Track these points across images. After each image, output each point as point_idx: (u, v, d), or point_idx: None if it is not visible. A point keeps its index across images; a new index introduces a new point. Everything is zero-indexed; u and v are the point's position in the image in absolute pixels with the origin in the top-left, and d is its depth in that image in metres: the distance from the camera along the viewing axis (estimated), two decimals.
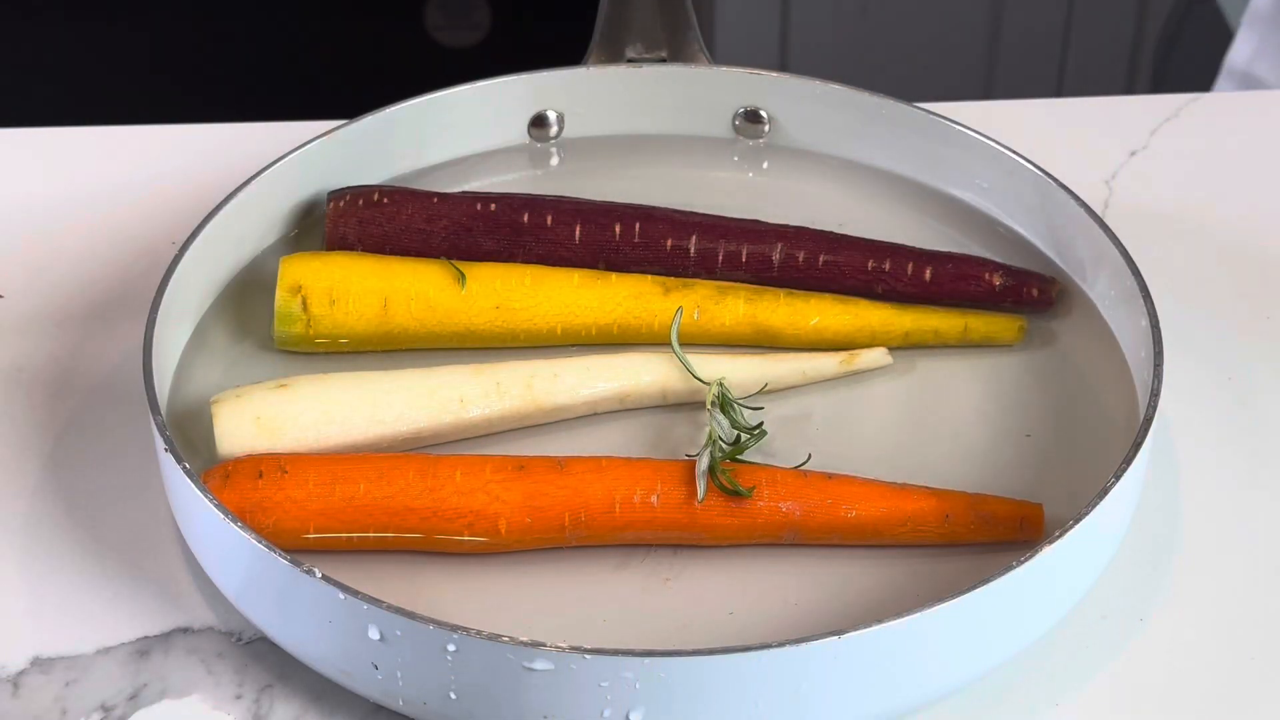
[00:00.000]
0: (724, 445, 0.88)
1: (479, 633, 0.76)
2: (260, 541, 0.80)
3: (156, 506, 0.89)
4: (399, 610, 0.77)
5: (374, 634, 0.78)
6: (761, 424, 0.90)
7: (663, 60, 1.09)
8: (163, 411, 0.87)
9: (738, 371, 0.93)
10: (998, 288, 0.98)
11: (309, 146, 1.01)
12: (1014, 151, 1.02)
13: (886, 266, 0.98)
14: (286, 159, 1.00)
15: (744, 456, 0.88)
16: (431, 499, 0.85)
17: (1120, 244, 0.95)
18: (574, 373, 0.92)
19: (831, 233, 0.99)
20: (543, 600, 0.85)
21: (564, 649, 0.76)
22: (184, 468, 0.83)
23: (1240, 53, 1.38)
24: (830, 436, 0.92)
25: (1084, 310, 0.99)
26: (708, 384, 0.91)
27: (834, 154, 1.08)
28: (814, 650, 0.76)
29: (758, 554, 0.87)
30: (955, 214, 1.05)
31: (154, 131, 1.14)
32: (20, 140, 1.14)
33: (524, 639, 0.76)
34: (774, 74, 1.08)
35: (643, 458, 0.88)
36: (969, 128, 1.03)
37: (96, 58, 2.06)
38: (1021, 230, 1.03)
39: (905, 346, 0.97)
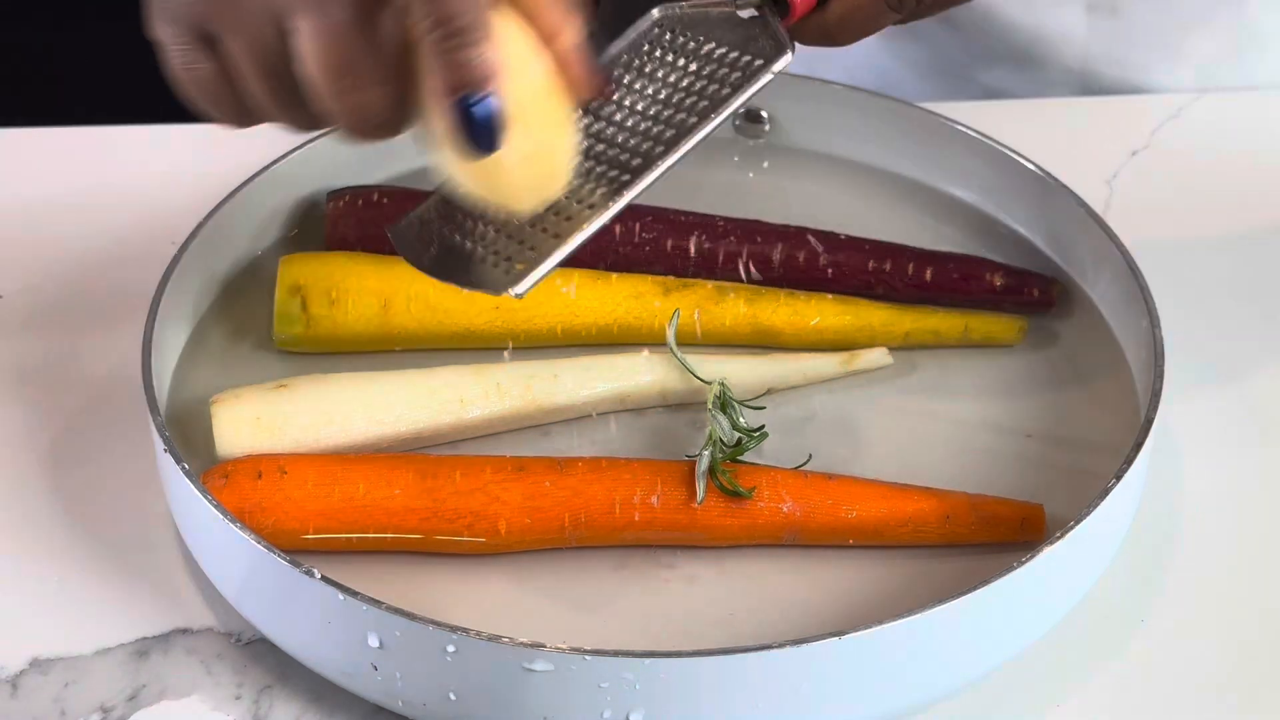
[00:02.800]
0: (724, 446, 0.87)
1: (479, 633, 0.76)
2: (260, 542, 0.80)
3: (156, 506, 0.89)
4: (398, 611, 0.77)
5: (373, 635, 0.78)
6: (763, 425, 0.90)
7: None
8: (162, 411, 0.87)
9: (738, 372, 0.93)
10: (998, 288, 0.98)
11: (309, 146, 1.01)
12: (1014, 151, 1.01)
13: (886, 266, 0.98)
14: (286, 159, 1.00)
15: (744, 457, 0.88)
16: (431, 499, 0.85)
17: (1121, 244, 0.95)
18: (574, 373, 0.92)
19: (831, 233, 0.99)
20: (543, 600, 0.85)
21: (564, 649, 0.76)
22: (183, 468, 0.83)
23: None
24: (831, 437, 0.92)
25: (1085, 311, 0.98)
26: (708, 384, 0.91)
27: (834, 154, 1.07)
28: (814, 650, 0.76)
29: (758, 554, 0.87)
30: (955, 214, 1.04)
31: (154, 131, 1.14)
32: (20, 140, 1.14)
33: (524, 639, 0.76)
34: None
35: (643, 458, 0.88)
36: (969, 128, 1.03)
37: (97, 58, 2.06)
38: (1022, 230, 1.03)
39: (905, 346, 0.97)
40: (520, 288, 0.79)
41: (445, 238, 0.83)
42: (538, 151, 0.78)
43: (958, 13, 1.18)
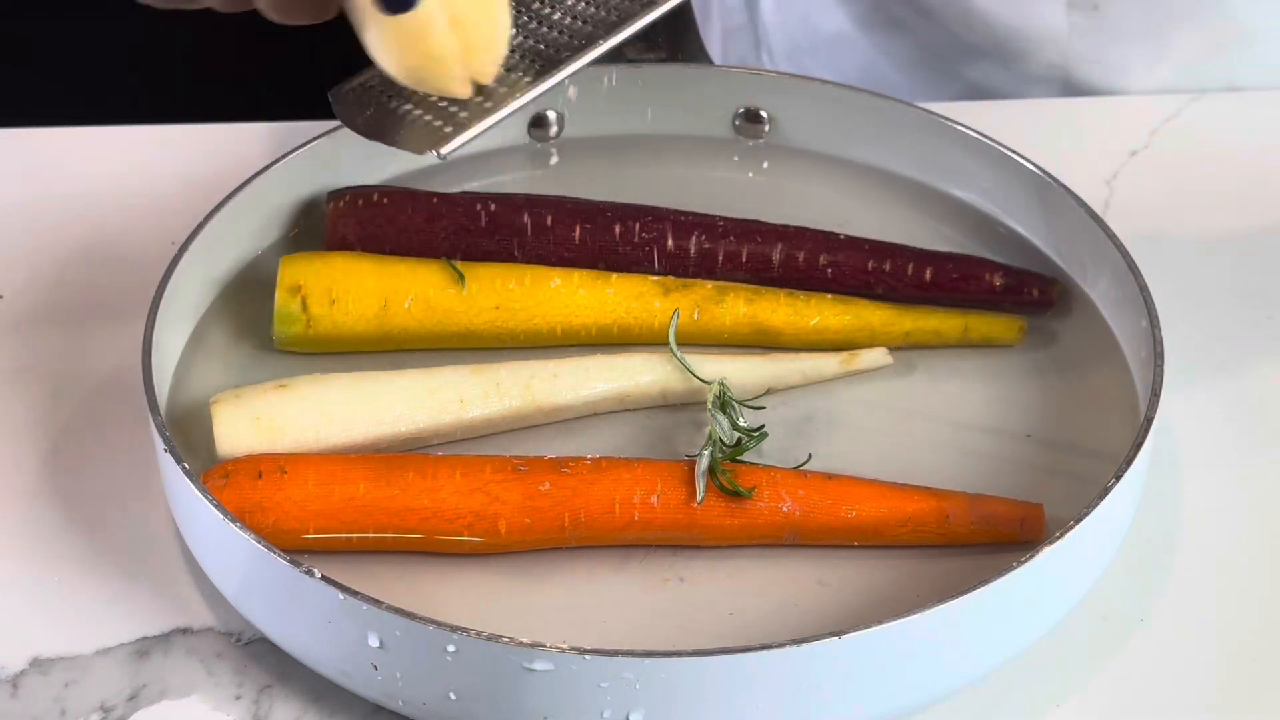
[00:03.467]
0: (724, 446, 0.87)
1: (479, 633, 0.76)
2: (260, 542, 0.80)
3: (156, 506, 0.89)
4: (398, 611, 0.77)
5: (373, 635, 0.78)
6: (763, 425, 0.90)
7: (662, 60, 1.09)
8: (162, 412, 0.87)
9: (738, 372, 0.93)
10: (998, 288, 0.98)
11: (309, 146, 1.01)
12: (1014, 151, 1.01)
13: (886, 266, 0.98)
14: (286, 159, 1.00)
15: (744, 457, 0.88)
16: (431, 499, 0.85)
17: (1120, 244, 0.95)
18: (573, 373, 0.92)
19: (831, 233, 0.99)
20: (543, 600, 0.85)
21: (564, 649, 0.76)
22: (184, 468, 0.83)
23: None
24: (830, 437, 0.92)
25: (1084, 311, 0.98)
26: (708, 384, 0.91)
27: (834, 154, 1.07)
28: (814, 650, 0.76)
29: (758, 554, 0.87)
30: (955, 214, 1.04)
31: (154, 131, 1.14)
32: (20, 140, 1.14)
33: (524, 639, 0.76)
34: (774, 74, 1.08)
35: (642, 458, 0.88)
36: (969, 128, 1.03)
37: (97, 58, 2.06)
38: (1022, 230, 1.03)
39: (905, 346, 0.97)
40: (446, 148, 0.80)
41: (383, 103, 0.83)
42: (469, 19, 0.79)
43: (940, 6, 1.18)
